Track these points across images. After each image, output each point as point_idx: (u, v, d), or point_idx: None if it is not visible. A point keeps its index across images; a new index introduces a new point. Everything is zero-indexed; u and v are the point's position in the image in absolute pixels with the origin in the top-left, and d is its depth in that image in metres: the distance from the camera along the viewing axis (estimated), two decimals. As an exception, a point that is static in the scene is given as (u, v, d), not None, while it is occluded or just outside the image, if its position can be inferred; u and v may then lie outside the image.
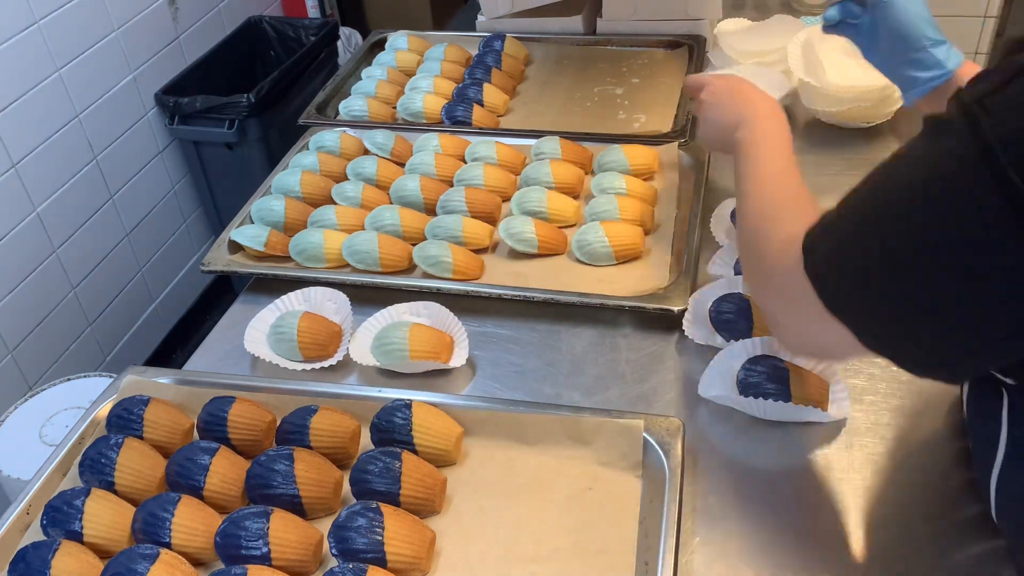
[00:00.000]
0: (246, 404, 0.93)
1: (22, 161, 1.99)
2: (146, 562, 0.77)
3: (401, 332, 1.02)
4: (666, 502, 0.81)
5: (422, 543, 0.79)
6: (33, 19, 1.98)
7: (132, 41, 2.31)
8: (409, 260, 1.17)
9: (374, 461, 0.84)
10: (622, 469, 0.87)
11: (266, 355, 1.04)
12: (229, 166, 2.51)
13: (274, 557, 0.78)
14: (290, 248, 1.18)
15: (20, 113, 1.97)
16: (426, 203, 1.26)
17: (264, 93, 2.37)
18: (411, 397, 0.92)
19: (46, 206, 2.07)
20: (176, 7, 2.46)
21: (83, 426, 0.95)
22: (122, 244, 2.36)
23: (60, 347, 2.17)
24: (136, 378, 0.99)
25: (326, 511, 0.86)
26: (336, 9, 3.26)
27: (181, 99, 2.37)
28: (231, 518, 0.80)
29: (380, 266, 1.15)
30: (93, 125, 2.20)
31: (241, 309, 1.16)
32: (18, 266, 2.01)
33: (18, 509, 0.87)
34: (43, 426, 1.79)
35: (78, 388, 1.89)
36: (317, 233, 1.18)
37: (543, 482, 0.87)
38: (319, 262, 1.17)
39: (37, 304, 2.08)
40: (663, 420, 0.87)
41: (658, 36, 1.67)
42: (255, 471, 0.85)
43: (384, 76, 1.59)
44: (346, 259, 1.16)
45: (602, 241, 1.13)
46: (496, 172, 1.29)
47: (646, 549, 0.80)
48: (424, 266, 1.14)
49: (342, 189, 1.29)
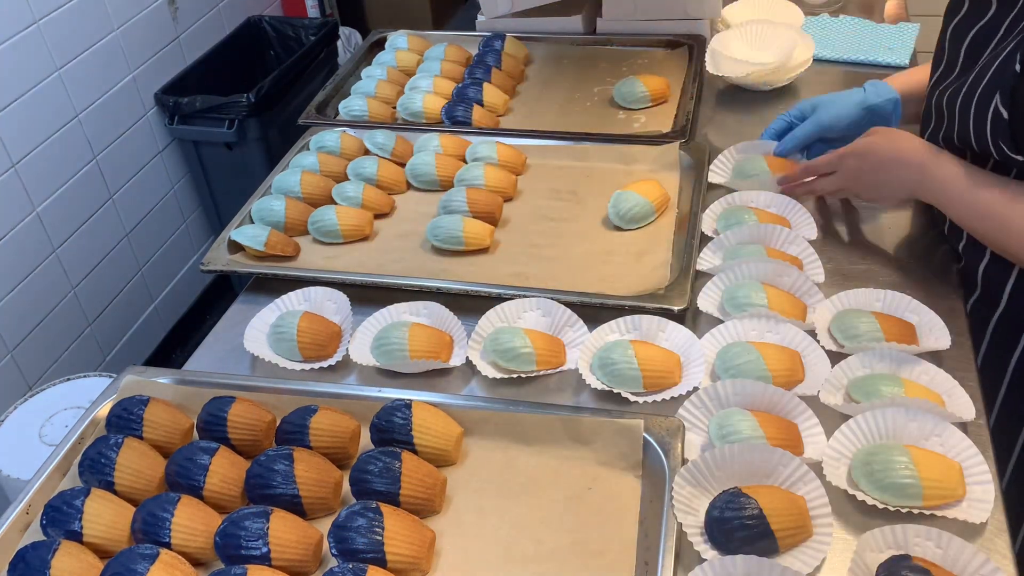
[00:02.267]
0: (246, 404, 0.93)
1: (22, 161, 1.99)
2: (146, 562, 0.77)
3: (401, 332, 1.02)
4: (666, 502, 0.81)
5: (422, 543, 0.79)
6: (33, 19, 1.98)
7: (132, 41, 2.31)
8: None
9: (374, 461, 0.84)
10: (622, 469, 0.87)
11: (266, 355, 1.04)
12: (229, 166, 2.51)
13: (274, 557, 0.78)
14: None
15: (20, 113, 1.97)
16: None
17: (264, 93, 2.37)
18: (411, 397, 0.92)
19: (46, 206, 2.07)
20: (176, 7, 2.46)
21: (83, 426, 0.95)
22: (122, 244, 2.36)
23: (60, 347, 2.17)
24: (136, 378, 0.99)
25: (326, 511, 0.86)
26: (336, 9, 3.26)
27: (181, 99, 2.37)
28: (231, 518, 0.80)
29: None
30: (93, 125, 2.20)
31: (241, 309, 1.16)
32: (18, 266, 2.01)
33: (18, 509, 0.87)
34: (43, 426, 1.79)
35: (78, 388, 1.89)
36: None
37: (543, 482, 0.87)
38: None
39: (37, 304, 2.08)
40: (663, 420, 0.87)
41: (658, 36, 1.67)
42: (255, 471, 0.85)
43: (384, 76, 1.59)
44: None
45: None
46: (497, 172, 1.29)
47: (646, 549, 0.80)
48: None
49: (342, 189, 1.29)
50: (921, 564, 0.73)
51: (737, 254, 1.10)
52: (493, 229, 1.21)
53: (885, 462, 0.82)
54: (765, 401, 0.90)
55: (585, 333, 1.03)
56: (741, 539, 0.77)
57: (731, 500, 0.79)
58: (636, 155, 1.33)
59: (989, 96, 0.94)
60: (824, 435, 0.88)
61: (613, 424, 0.87)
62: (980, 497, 0.81)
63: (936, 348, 0.96)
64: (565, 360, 1.02)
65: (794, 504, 0.79)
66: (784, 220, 1.16)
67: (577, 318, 1.04)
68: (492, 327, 1.04)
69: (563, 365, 1.01)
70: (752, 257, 1.07)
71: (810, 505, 0.80)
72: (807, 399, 0.91)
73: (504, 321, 1.05)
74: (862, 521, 0.82)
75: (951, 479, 0.81)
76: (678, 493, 0.81)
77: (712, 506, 0.80)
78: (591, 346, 1.01)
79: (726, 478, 0.83)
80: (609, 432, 0.88)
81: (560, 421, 0.89)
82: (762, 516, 0.77)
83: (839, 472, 0.85)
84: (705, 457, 0.83)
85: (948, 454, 0.84)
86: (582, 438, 0.89)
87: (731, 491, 0.80)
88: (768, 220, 1.15)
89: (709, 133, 1.43)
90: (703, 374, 0.96)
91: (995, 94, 0.93)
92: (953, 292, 1.07)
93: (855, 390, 0.91)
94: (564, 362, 1.01)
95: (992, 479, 0.82)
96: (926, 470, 0.81)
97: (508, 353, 0.99)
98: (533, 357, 0.99)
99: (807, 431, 0.89)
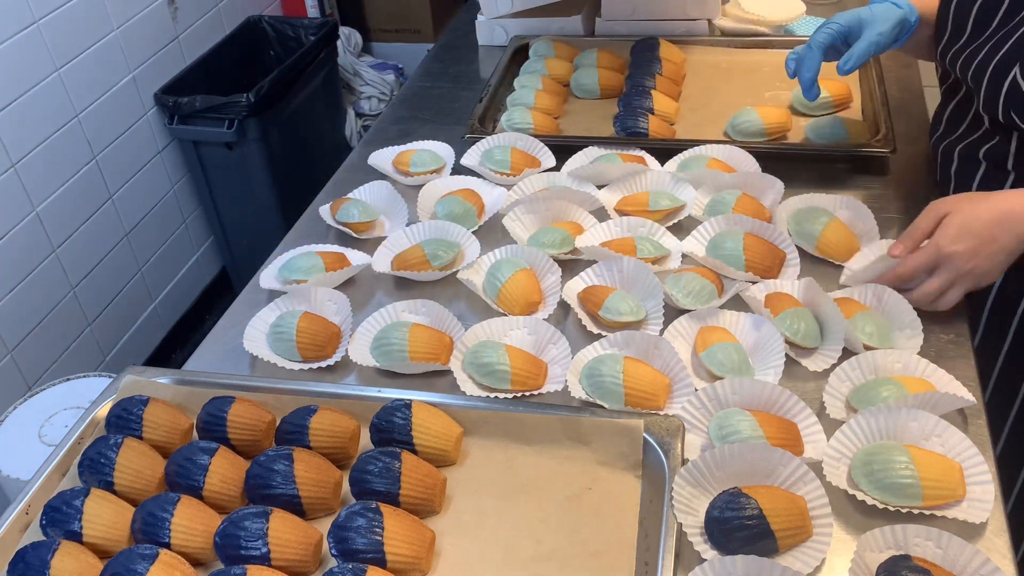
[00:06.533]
0: (245, 404, 0.93)
1: (22, 161, 1.99)
2: (145, 562, 0.77)
3: (400, 332, 1.02)
4: (666, 502, 0.81)
5: (422, 543, 0.79)
6: (33, 19, 1.98)
7: (131, 41, 2.31)
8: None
9: (373, 461, 0.84)
10: (622, 469, 0.87)
11: (265, 355, 1.04)
12: (229, 166, 2.51)
13: (274, 557, 0.78)
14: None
15: (20, 113, 1.97)
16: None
17: (264, 93, 2.37)
18: (411, 397, 0.92)
19: (46, 206, 2.07)
20: (175, 7, 2.46)
21: (82, 426, 0.95)
22: (121, 244, 2.36)
23: (59, 347, 2.17)
24: (135, 378, 0.99)
25: (326, 511, 0.86)
26: (336, 9, 3.26)
27: (180, 99, 2.37)
28: (231, 518, 0.80)
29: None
30: (92, 125, 2.20)
31: (241, 309, 1.16)
32: (18, 266, 2.01)
33: (17, 509, 0.87)
34: (42, 426, 1.80)
35: (77, 388, 1.89)
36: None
37: (543, 482, 0.87)
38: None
39: (37, 304, 2.08)
40: (663, 420, 0.87)
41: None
42: (255, 471, 0.85)
43: (539, 86, 1.51)
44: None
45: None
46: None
47: (646, 549, 0.80)
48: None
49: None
50: (921, 564, 0.73)
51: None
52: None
53: (885, 462, 0.82)
54: (765, 401, 0.90)
55: (567, 352, 1.01)
56: (741, 539, 0.77)
57: (731, 500, 0.79)
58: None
59: (1007, 66, 0.95)
60: (824, 435, 0.88)
61: (613, 424, 0.87)
62: (980, 497, 0.81)
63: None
64: (543, 383, 0.99)
65: (794, 504, 0.79)
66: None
67: (561, 335, 1.02)
68: (476, 339, 1.03)
69: (540, 388, 0.98)
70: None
71: (810, 505, 0.80)
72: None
73: (488, 335, 1.04)
74: (862, 521, 0.82)
75: (951, 479, 0.81)
76: (678, 493, 0.81)
77: (712, 506, 0.80)
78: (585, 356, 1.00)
79: (726, 478, 0.83)
80: (609, 432, 0.88)
81: (560, 421, 0.89)
82: (762, 516, 0.77)
83: (839, 472, 0.85)
84: (705, 457, 0.83)
85: (948, 454, 0.84)
86: (582, 438, 0.89)
87: (731, 491, 0.80)
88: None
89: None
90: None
91: (1015, 65, 0.94)
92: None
93: (855, 399, 0.92)
94: (541, 385, 0.99)
95: (992, 479, 0.82)
96: (926, 470, 0.81)
97: (484, 368, 0.98)
98: (508, 376, 0.97)
99: (807, 431, 0.89)
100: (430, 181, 1.31)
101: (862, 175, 1.28)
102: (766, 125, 1.34)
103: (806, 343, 0.98)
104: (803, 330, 0.98)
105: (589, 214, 1.21)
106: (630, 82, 1.49)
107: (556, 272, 1.10)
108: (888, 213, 1.19)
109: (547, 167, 1.32)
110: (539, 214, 1.21)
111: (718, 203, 1.18)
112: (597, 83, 1.52)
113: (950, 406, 0.89)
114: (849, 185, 1.26)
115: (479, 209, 1.25)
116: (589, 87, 1.53)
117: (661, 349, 0.97)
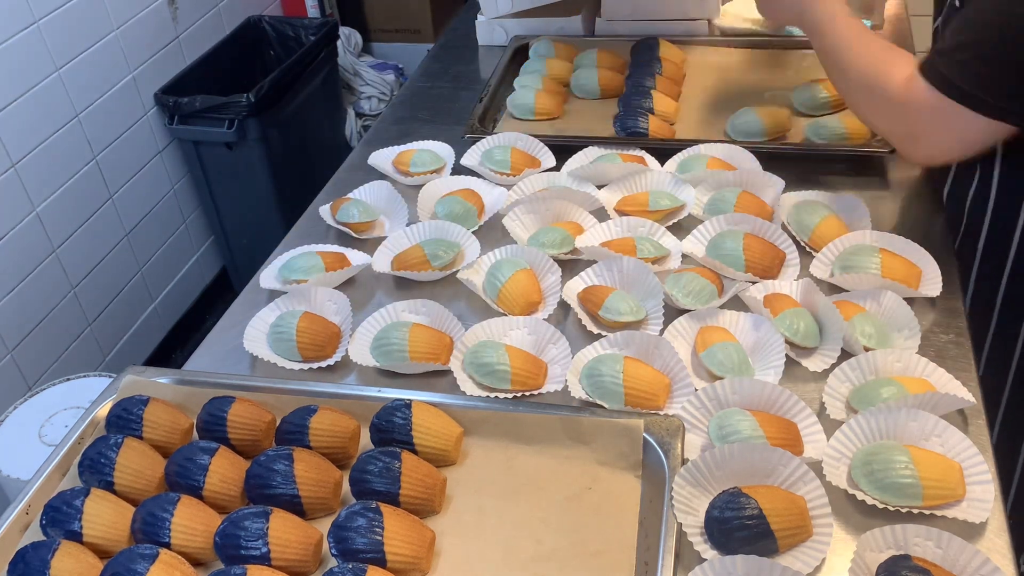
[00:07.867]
0: (245, 404, 0.93)
1: (22, 161, 1.99)
2: (145, 562, 0.77)
3: (400, 332, 1.02)
4: (666, 502, 0.81)
5: (422, 543, 0.79)
6: (32, 19, 1.98)
7: (131, 41, 2.31)
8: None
9: (374, 461, 0.84)
10: (622, 469, 0.87)
11: (265, 355, 1.04)
12: (229, 166, 2.51)
13: (274, 557, 0.78)
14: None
15: (20, 113, 1.97)
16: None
17: (264, 93, 2.37)
18: (411, 397, 0.92)
19: (46, 206, 2.08)
20: (176, 7, 2.46)
21: (82, 426, 0.95)
22: (121, 244, 2.36)
23: (60, 347, 2.17)
24: (135, 378, 0.99)
25: (326, 511, 0.86)
26: (336, 9, 3.26)
27: (181, 99, 2.38)
28: (231, 518, 0.80)
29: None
30: (92, 125, 2.20)
31: (241, 309, 1.16)
32: (18, 266, 2.01)
33: (17, 509, 0.87)
34: (43, 426, 1.80)
35: (77, 388, 1.89)
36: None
37: (542, 482, 0.87)
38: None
39: (37, 304, 2.08)
40: (663, 420, 0.87)
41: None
42: (255, 471, 0.85)
43: (539, 85, 1.51)
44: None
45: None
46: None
47: (646, 549, 0.80)
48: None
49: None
50: (921, 564, 0.73)
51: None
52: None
53: (885, 462, 0.82)
54: (765, 401, 0.90)
55: (567, 352, 1.00)
56: (741, 539, 0.77)
57: (731, 500, 0.79)
58: None
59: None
60: (824, 435, 0.88)
61: (613, 424, 0.87)
62: (980, 497, 0.81)
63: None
64: (543, 383, 0.99)
65: (794, 504, 0.79)
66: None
67: (561, 335, 1.02)
68: (476, 339, 1.03)
69: (540, 388, 0.98)
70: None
71: (810, 505, 0.80)
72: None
73: (488, 335, 1.04)
74: (862, 521, 0.82)
75: (951, 479, 0.81)
76: (678, 493, 0.81)
77: (712, 506, 0.80)
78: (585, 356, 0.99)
79: (726, 478, 0.83)
80: (609, 432, 0.88)
81: (560, 421, 0.89)
82: (762, 516, 0.77)
83: (839, 472, 0.85)
84: (705, 457, 0.83)
85: (948, 454, 0.84)
86: (582, 438, 0.89)
87: (731, 491, 0.80)
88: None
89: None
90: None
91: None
92: (952, 295, 1.07)
93: (855, 399, 0.92)
94: (541, 385, 0.99)
95: (992, 479, 0.82)
96: (926, 470, 0.81)
97: (484, 368, 0.98)
98: (508, 375, 0.97)
99: (807, 431, 0.89)
100: (430, 181, 1.31)
101: (862, 175, 1.28)
102: (766, 125, 1.34)
103: (806, 343, 0.98)
104: (803, 330, 0.98)
105: (589, 214, 1.21)
106: (630, 82, 1.49)
107: (556, 272, 1.10)
108: (887, 213, 1.20)
109: (547, 167, 1.33)
110: (539, 214, 1.21)
111: (719, 201, 1.19)
112: (597, 83, 1.52)
113: (950, 406, 0.89)
114: (849, 185, 1.26)
115: (479, 209, 1.25)
116: (589, 87, 1.53)
117: (661, 349, 0.97)
